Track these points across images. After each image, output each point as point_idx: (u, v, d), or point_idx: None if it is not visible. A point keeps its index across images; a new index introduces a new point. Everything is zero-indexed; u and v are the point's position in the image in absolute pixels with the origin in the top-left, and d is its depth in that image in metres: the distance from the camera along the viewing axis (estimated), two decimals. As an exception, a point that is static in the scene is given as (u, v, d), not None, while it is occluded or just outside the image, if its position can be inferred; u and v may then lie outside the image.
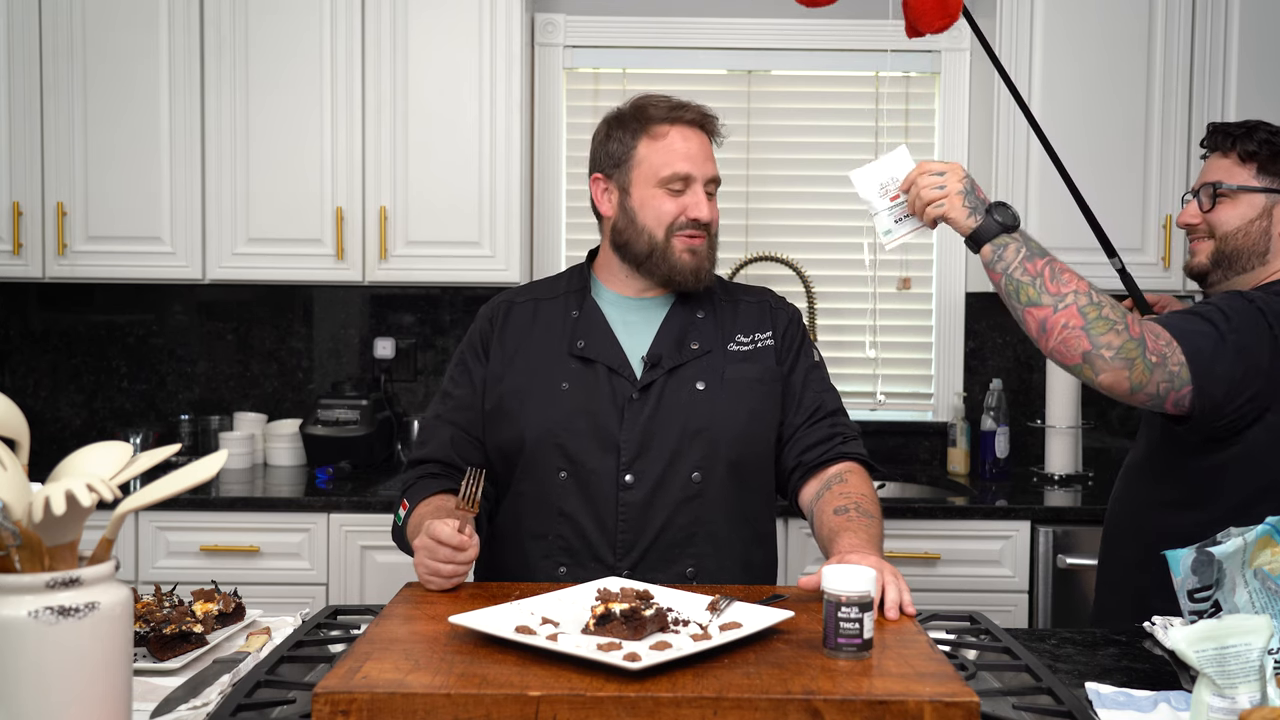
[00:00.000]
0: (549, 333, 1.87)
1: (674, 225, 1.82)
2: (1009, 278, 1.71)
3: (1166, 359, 1.68)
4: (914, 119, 3.45)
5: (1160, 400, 1.71)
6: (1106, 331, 1.67)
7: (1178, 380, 1.69)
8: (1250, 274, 1.86)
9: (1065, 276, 1.70)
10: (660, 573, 1.76)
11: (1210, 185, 1.87)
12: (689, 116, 1.85)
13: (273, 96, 3.11)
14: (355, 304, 3.50)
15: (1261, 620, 1.17)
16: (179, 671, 1.39)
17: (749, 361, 1.86)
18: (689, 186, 1.83)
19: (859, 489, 1.75)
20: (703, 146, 1.85)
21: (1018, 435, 3.36)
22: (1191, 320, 1.74)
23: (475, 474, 1.66)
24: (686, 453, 1.79)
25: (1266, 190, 1.83)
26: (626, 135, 1.86)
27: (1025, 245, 1.72)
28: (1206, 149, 1.93)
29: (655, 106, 1.86)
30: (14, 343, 3.50)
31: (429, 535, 1.58)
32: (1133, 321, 1.69)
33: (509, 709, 1.13)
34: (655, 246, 1.83)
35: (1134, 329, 1.68)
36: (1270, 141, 1.84)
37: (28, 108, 3.10)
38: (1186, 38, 3.09)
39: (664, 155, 1.83)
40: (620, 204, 1.86)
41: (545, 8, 3.45)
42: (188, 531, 2.88)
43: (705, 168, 1.84)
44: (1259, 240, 1.84)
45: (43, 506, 0.98)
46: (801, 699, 1.14)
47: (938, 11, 1.87)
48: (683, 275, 1.84)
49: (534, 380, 1.83)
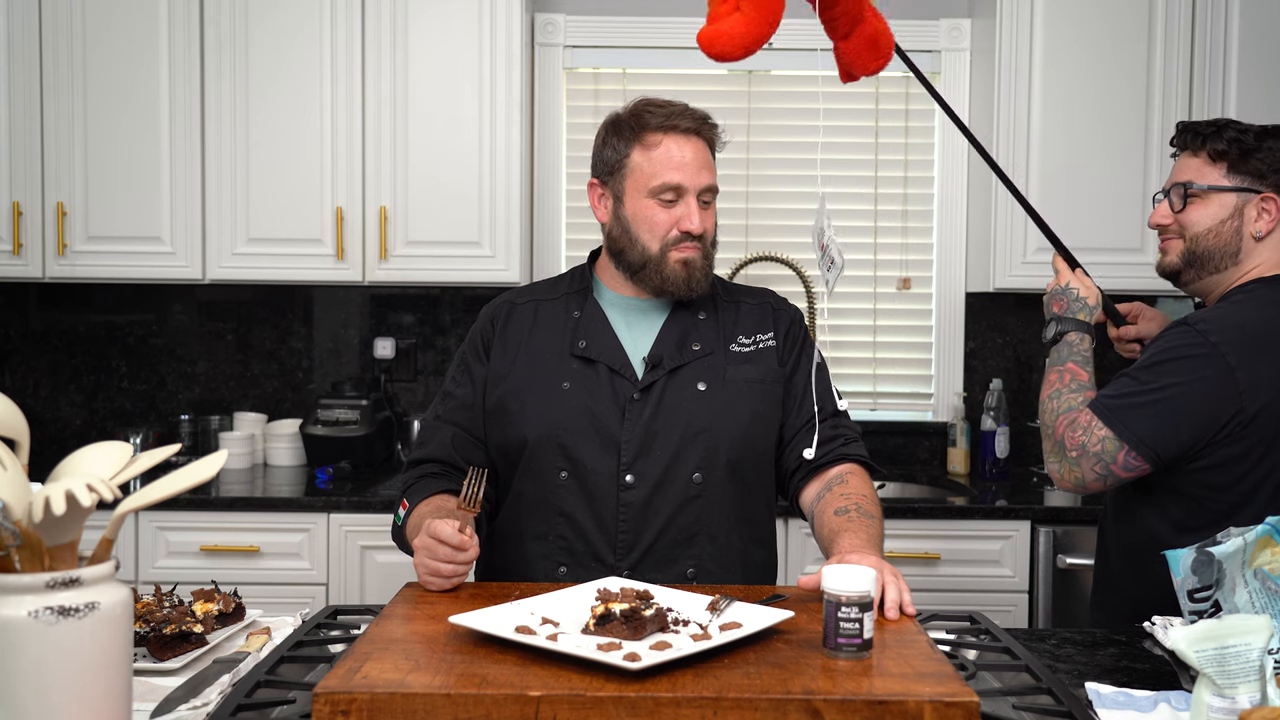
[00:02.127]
0: (550, 333, 1.86)
1: (667, 239, 1.80)
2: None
3: (1086, 446, 1.76)
4: (914, 119, 3.45)
5: (1111, 477, 1.77)
6: (1044, 439, 1.88)
7: (1108, 455, 1.75)
8: (1223, 274, 1.85)
9: (1045, 385, 1.93)
10: (660, 573, 1.76)
11: (1181, 185, 1.86)
12: (684, 125, 1.80)
13: (273, 96, 3.11)
14: (355, 304, 3.50)
15: (1261, 620, 1.17)
16: (179, 671, 1.39)
17: (750, 363, 1.86)
18: (681, 197, 1.80)
19: (860, 490, 1.75)
20: (698, 155, 1.81)
21: (1018, 435, 3.36)
22: (1116, 385, 1.80)
23: (477, 474, 1.66)
24: (687, 453, 1.79)
25: (1237, 189, 1.82)
26: (621, 142, 1.83)
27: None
28: (1176, 148, 1.92)
29: (651, 113, 1.81)
30: (14, 343, 3.50)
31: (429, 534, 1.57)
32: (1059, 422, 1.82)
33: (509, 709, 1.13)
34: (649, 259, 1.82)
35: (1057, 430, 1.81)
36: (1240, 140, 1.82)
37: (28, 108, 3.10)
38: (1186, 38, 3.09)
39: (656, 165, 1.79)
40: (615, 212, 1.85)
41: (545, 8, 3.45)
42: (188, 531, 2.88)
43: (699, 178, 1.80)
44: (1230, 240, 1.83)
45: (43, 506, 0.98)
46: (801, 699, 1.14)
47: (870, 54, 1.82)
48: (675, 286, 1.82)
49: (535, 380, 1.83)
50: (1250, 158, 1.81)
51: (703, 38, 1.64)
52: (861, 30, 1.78)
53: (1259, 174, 1.81)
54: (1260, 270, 1.83)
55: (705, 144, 1.83)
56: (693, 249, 1.81)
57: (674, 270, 1.81)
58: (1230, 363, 1.71)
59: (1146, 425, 1.73)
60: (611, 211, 1.86)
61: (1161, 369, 1.75)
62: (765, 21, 1.63)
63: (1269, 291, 1.79)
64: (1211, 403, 1.72)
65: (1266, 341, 1.74)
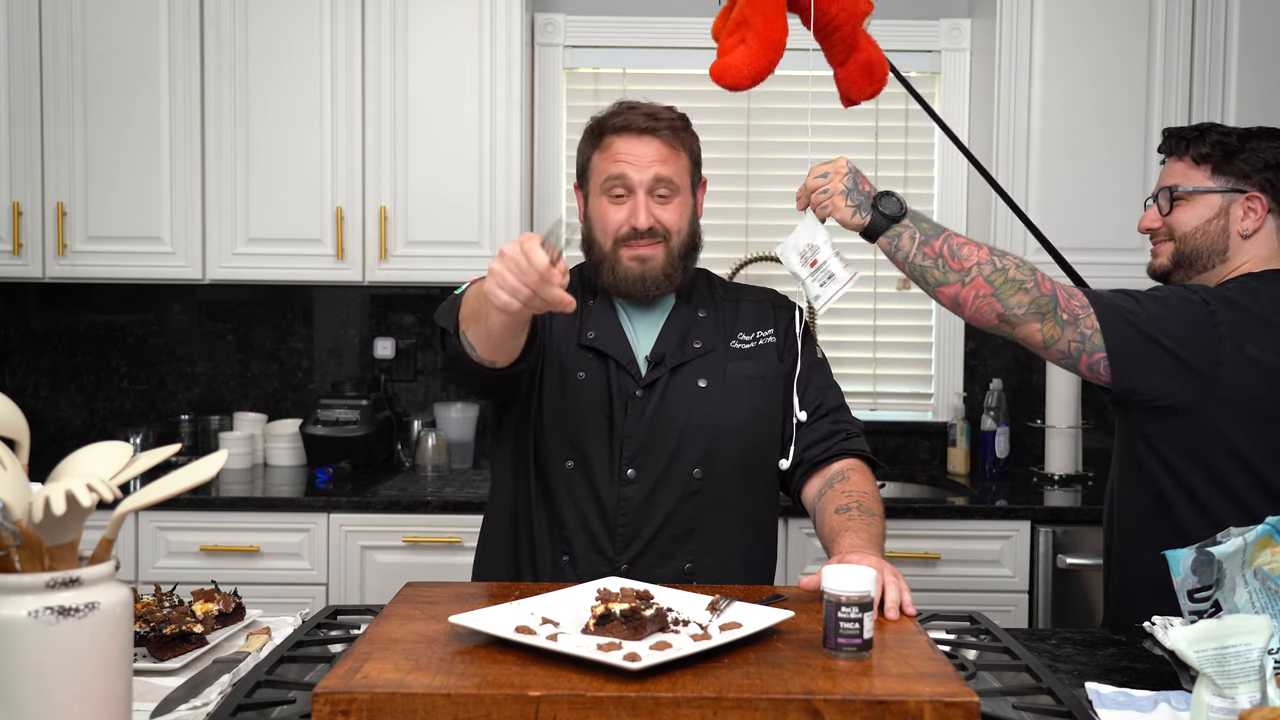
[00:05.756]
0: (566, 320, 1.85)
1: (619, 234, 1.81)
2: (911, 265, 1.77)
3: (1079, 319, 1.73)
4: (914, 119, 3.45)
5: (1073, 360, 1.76)
6: (1015, 292, 1.72)
7: (1089, 344, 1.74)
8: (1211, 272, 1.88)
9: (965, 251, 1.75)
10: (660, 567, 1.77)
11: (1168, 189, 1.90)
12: (637, 124, 1.80)
13: (273, 96, 3.11)
14: (355, 304, 3.50)
15: (1261, 620, 1.17)
16: (179, 671, 1.39)
17: (751, 359, 1.87)
18: (631, 192, 1.80)
19: (861, 487, 1.76)
20: (650, 149, 1.80)
21: (1018, 435, 3.36)
22: (1114, 294, 1.79)
23: (561, 222, 1.49)
24: (687, 449, 1.80)
25: (1222, 190, 1.86)
26: (586, 146, 1.87)
27: (917, 229, 1.76)
28: (1163, 154, 1.96)
29: (612, 115, 1.84)
30: (14, 343, 3.50)
31: (523, 248, 1.38)
32: (1042, 279, 1.74)
33: (509, 709, 1.13)
34: (605, 257, 1.83)
35: (1044, 285, 1.74)
36: (1223, 143, 1.86)
37: (28, 108, 3.10)
38: (1186, 38, 3.09)
39: (605, 162, 1.82)
40: (584, 214, 1.89)
41: (545, 8, 3.45)
42: (188, 531, 2.88)
43: (646, 171, 1.79)
44: (1217, 239, 1.87)
45: (43, 506, 0.98)
46: (801, 699, 1.14)
47: (866, 80, 1.93)
48: (629, 285, 1.82)
49: (554, 368, 1.83)
50: (1234, 159, 1.85)
51: (714, 71, 1.81)
52: (857, 58, 1.90)
53: (1243, 174, 1.85)
54: (1248, 266, 1.86)
55: (663, 141, 1.82)
56: (647, 246, 1.81)
57: (627, 268, 1.81)
58: (1220, 333, 1.73)
59: (1127, 346, 1.73)
60: (582, 214, 1.90)
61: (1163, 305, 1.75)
62: (770, 52, 1.78)
63: (1259, 285, 1.82)
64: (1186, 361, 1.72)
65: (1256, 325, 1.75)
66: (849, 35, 1.87)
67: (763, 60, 1.78)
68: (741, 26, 1.79)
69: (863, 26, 1.89)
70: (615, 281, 1.83)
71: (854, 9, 1.86)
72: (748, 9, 1.78)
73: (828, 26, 1.86)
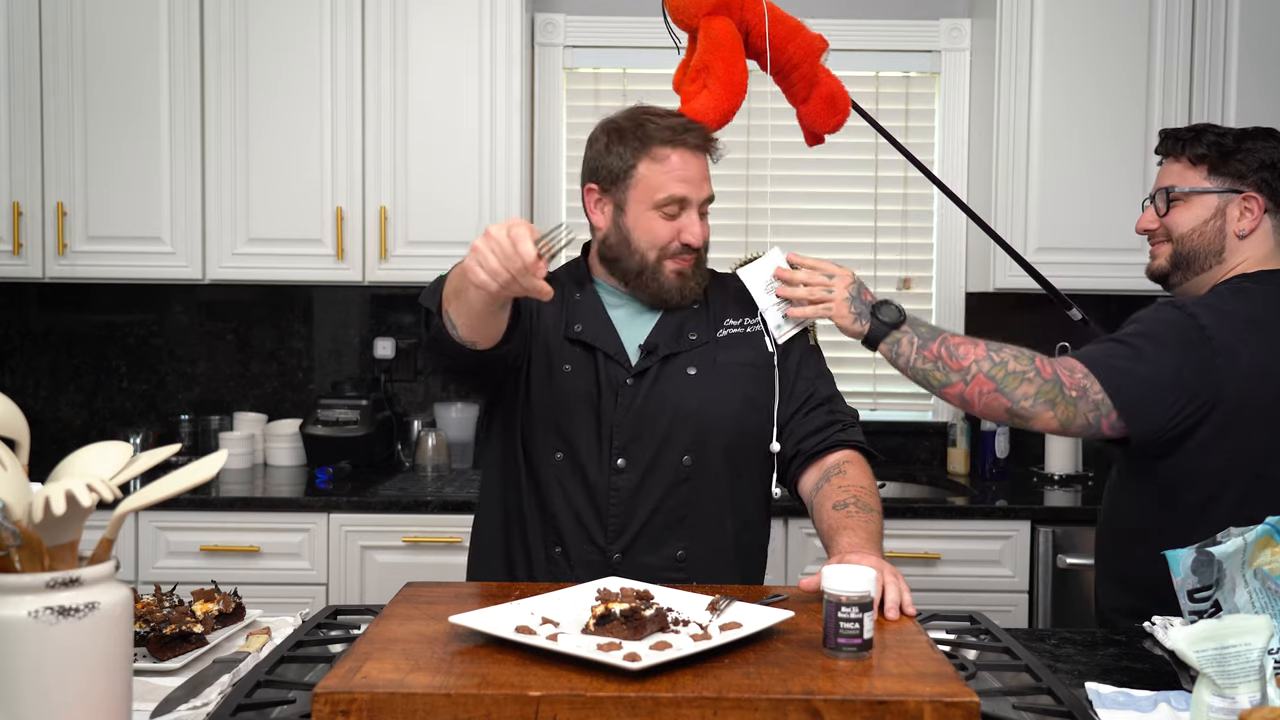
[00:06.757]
0: (552, 312, 1.86)
1: (666, 249, 1.82)
2: (913, 370, 1.83)
3: (1086, 390, 1.75)
4: (914, 119, 3.45)
5: (1094, 429, 1.77)
6: (1019, 384, 1.76)
7: (1103, 408, 1.75)
8: (1209, 273, 1.88)
9: (962, 350, 1.80)
10: (651, 555, 1.78)
11: (1164, 190, 1.91)
12: (692, 141, 1.83)
13: (272, 96, 3.11)
14: (355, 304, 3.50)
15: (1261, 620, 1.17)
16: (179, 671, 1.39)
17: (741, 346, 1.87)
18: (684, 210, 1.82)
19: (858, 481, 1.76)
20: (701, 169, 1.84)
21: (1017, 435, 3.36)
22: (1106, 348, 1.80)
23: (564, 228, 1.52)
24: (677, 436, 1.80)
25: (1218, 191, 1.86)
26: (627, 152, 1.84)
27: (915, 334, 1.82)
28: (1160, 155, 1.96)
29: (658, 126, 1.83)
30: (14, 343, 3.50)
31: (510, 233, 1.42)
32: (1042, 364, 1.77)
33: (509, 709, 1.13)
34: (646, 267, 1.84)
35: (1045, 370, 1.76)
36: (1219, 143, 1.87)
37: (28, 108, 3.10)
38: (1186, 38, 3.09)
39: (663, 178, 1.81)
40: (614, 220, 1.86)
41: (545, 8, 3.45)
42: (188, 531, 2.88)
43: (701, 190, 1.84)
44: (1214, 240, 1.87)
45: (43, 506, 0.98)
46: (801, 699, 1.14)
47: (829, 113, 1.98)
48: (670, 295, 1.85)
49: (541, 360, 1.84)
50: (1230, 159, 1.86)
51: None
52: (819, 92, 1.97)
53: (1239, 174, 1.86)
54: (1245, 267, 1.86)
55: (708, 160, 1.88)
56: (689, 260, 1.85)
57: (669, 280, 1.84)
58: (1214, 347, 1.73)
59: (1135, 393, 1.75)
60: (611, 219, 1.87)
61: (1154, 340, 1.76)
62: (733, 96, 1.86)
63: (1254, 285, 1.82)
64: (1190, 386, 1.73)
65: (1250, 329, 1.76)
66: (809, 72, 1.94)
67: (727, 103, 1.85)
68: (703, 73, 1.86)
69: (820, 61, 1.95)
70: (657, 290, 1.85)
71: (811, 46, 1.93)
72: (708, 55, 1.85)
73: (786, 65, 1.94)
